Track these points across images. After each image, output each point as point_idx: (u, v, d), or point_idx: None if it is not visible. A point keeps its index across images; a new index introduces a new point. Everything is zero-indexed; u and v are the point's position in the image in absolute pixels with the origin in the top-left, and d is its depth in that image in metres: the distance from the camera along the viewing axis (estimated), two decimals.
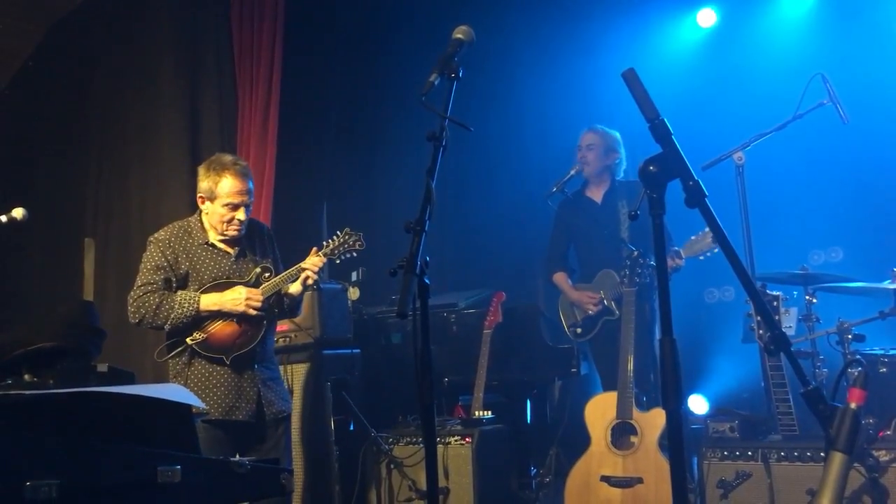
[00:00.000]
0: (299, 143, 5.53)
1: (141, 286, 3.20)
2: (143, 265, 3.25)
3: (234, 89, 5.44)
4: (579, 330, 4.41)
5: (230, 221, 3.21)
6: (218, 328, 3.18)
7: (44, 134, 6.53)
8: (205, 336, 3.17)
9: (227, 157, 3.27)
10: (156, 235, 3.30)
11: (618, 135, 4.52)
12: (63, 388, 1.73)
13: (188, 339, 3.17)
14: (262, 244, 3.42)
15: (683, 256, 3.94)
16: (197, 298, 3.15)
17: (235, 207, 3.20)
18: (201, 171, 3.25)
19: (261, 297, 3.18)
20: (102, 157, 6.18)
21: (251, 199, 3.26)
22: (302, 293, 3.39)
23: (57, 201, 6.30)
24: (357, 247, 3.29)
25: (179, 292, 3.19)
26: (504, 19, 5.58)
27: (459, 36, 2.24)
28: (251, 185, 3.25)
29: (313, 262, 3.24)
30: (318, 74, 5.74)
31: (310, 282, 3.26)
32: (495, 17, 5.45)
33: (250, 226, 3.34)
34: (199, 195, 3.24)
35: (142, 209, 5.77)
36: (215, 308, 3.16)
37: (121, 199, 5.96)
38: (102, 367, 2.52)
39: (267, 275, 3.27)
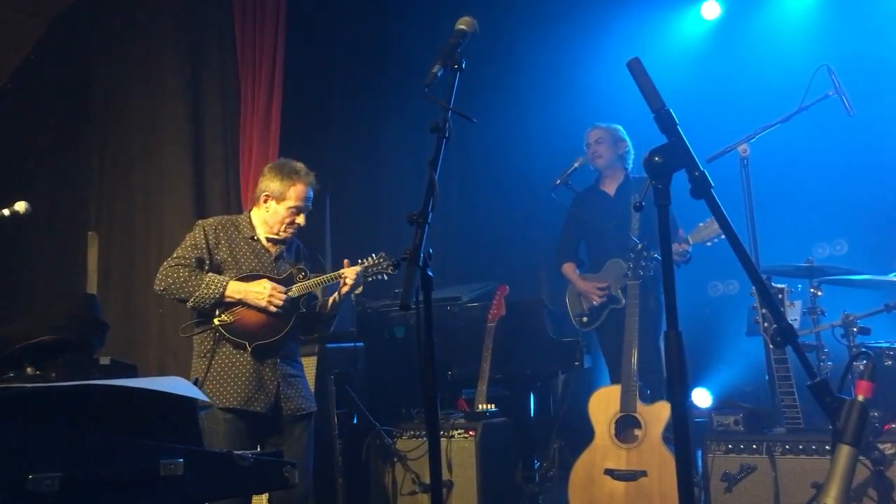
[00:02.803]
0: (302, 136, 5.52)
1: (175, 258, 3.26)
2: (183, 242, 3.32)
3: (236, 81, 5.43)
4: (585, 319, 4.41)
5: (290, 224, 3.33)
6: (246, 314, 3.22)
7: (46, 127, 6.53)
8: (232, 319, 3.21)
9: (300, 165, 3.37)
10: (203, 220, 3.40)
11: (620, 126, 4.54)
12: (65, 380, 1.73)
13: (215, 320, 3.20)
14: (297, 256, 3.50)
15: (691, 242, 3.94)
16: (225, 282, 3.20)
17: (299, 212, 3.32)
18: (271, 172, 3.33)
19: (283, 296, 3.22)
20: (105, 151, 6.18)
21: (311, 207, 3.38)
22: (337, 306, 3.42)
23: (60, 195, 6.30)
24: (389, 271, 3.39)
25: (210, 273, 3.24)
26: (507, 10, 5.56)
27: (462, 27, 2.22)
28: (312, 194, 3.37)
29: (351, 275, 3.30)
30: (320, 66, 5.73)
31: (344, 290, 3.33)
32: (499, 8, 5.43)
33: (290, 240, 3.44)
34: (265, 193, 3.32)
35: (145, 202, 5.77)
36: (239, 296, 3.20)
37: (124, 192, 5.96)
38: (105, 360, 2.52)
39: (301, 275, 3.33)
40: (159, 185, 5.66)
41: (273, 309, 3.20)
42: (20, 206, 3.41)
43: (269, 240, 3.37)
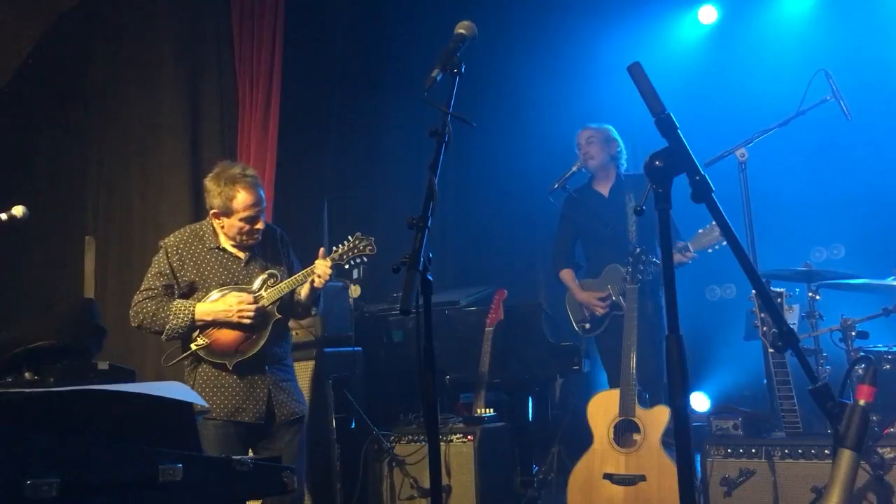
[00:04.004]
0: (300, 139, 5.52)
1: (143, 291, 3.21)
2: (149, 270, 3.26)
3: (234, 86, 5.43)
4: (588, 325, 4.39)
5: (249, 233, 3.20)
6: (221, 334, 3.16)
7: (44, 131, 6.52)
8: (207, 342, 3.15)
9: (236, 170, 3.17)
10: (166, 240, 3.27)
11: (611, 127, 4.53)
12: (64, 385, 1.72)
13: (192, 345, 3.16)
14: (275, 249, 3.36)
15: (692, 250, 3.94)
16: (192, 309, 3.12)
17: (253, 220, 3.17)
18: (210, 185, 3.16)
19: (252, 307, 3.13)
20: (103, 155, 6.17)
21: (264, 206, 3.23)
22: (311, 296, 3.30)
23: (57, 199, 6.29)
24: (368, 251, 3.22)
25: (176, 301, 3.17)
26: (506, 15, 5.58)
27: (461, 31, 2.23)
28: (262, 192, 3.21)
29: (322, 269, 3.16)
30: (319, 70, 5.73)
31: (317, 285, 3.20)
32: (498, 12, 5.45)
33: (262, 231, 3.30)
34: (211, 211, 3.18)
35: (142, 206, 5.76)
36: (210, 318, 3.13)
37: (121, 196, 5.95)
38: (103, 365, 2.50)
39: (272, 280, 3.22)
40: (157, 189, 5.65)
41: (246, 322, 3.11)
42: (18, 211, 3.40)
43: (234, 245, 3.25)
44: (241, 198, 3.11)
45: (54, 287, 6.14)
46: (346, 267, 3.26)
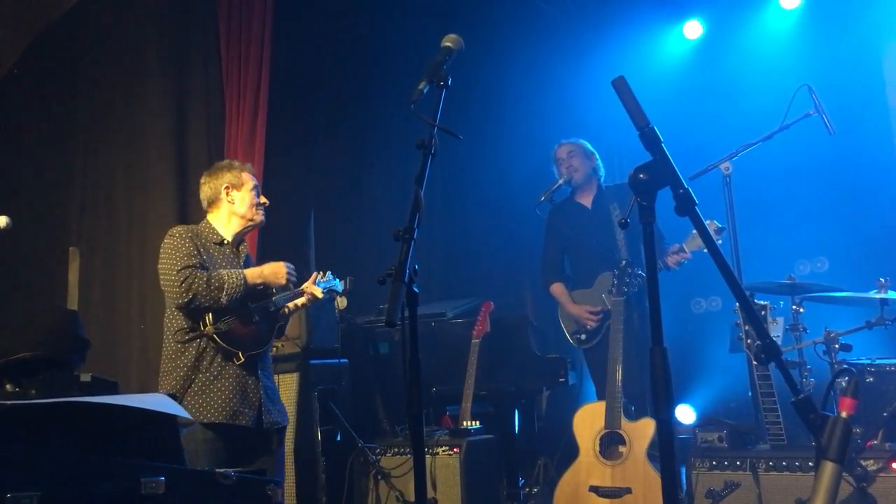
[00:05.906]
0: (287, 150, 5.51)
1: (182, 269, 3.11)
2: (174, 252, 3.19)
3: (221, 96, 5.41)
4: (583, 336, 4.37)
5: (258, 205, 3.41)
6: (237, 323, 3.18)
7: (28, 142, 6.49)
8: (226, 329, 3.14)
9: (226, 161, 3.53)
10: (175, 229, 3.32)
11: (586, 141, 4.60)
12: (45, 398, 1.70)
13: (209, 328, 3.12)
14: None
15: (687, 250, 3.99)
16: (242, 272, 3.21)
17: (258, 192, 3.43)
18: (215, 172, 3.41)
19: (292, 268, 3.35)
20: (87, 166, 6.13)
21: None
22: (290, 313, 3.52)
23: (41, 210, 6.25)
24: (340, 289, 3.61)
25: (220, 270, 3.22)
26: (494, 29, 5.61)
27: (448, 44, 2.24)
28: None
29: (314, 291, 3.45)
30: (306, 81, 5.74)
31: (307, 301, 3.48)
32: (485, 26, 5.48)
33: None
34: (224, 187, 3.36)
35: (128, 218, 5.73)
36: (259, 280, 3.25)
37: (106, 207, 5.92)
38: (86, 377, 2.48)
39: (274, 288, 3.37)
40: (142, 200, 5.62)
41: (290, 280, 3.33)
42: (1, 222, 3.37)
43: (237, 236, 3.39)
44: (246, 172, 3.45)
45: (37, 298, 6.09)
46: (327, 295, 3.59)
